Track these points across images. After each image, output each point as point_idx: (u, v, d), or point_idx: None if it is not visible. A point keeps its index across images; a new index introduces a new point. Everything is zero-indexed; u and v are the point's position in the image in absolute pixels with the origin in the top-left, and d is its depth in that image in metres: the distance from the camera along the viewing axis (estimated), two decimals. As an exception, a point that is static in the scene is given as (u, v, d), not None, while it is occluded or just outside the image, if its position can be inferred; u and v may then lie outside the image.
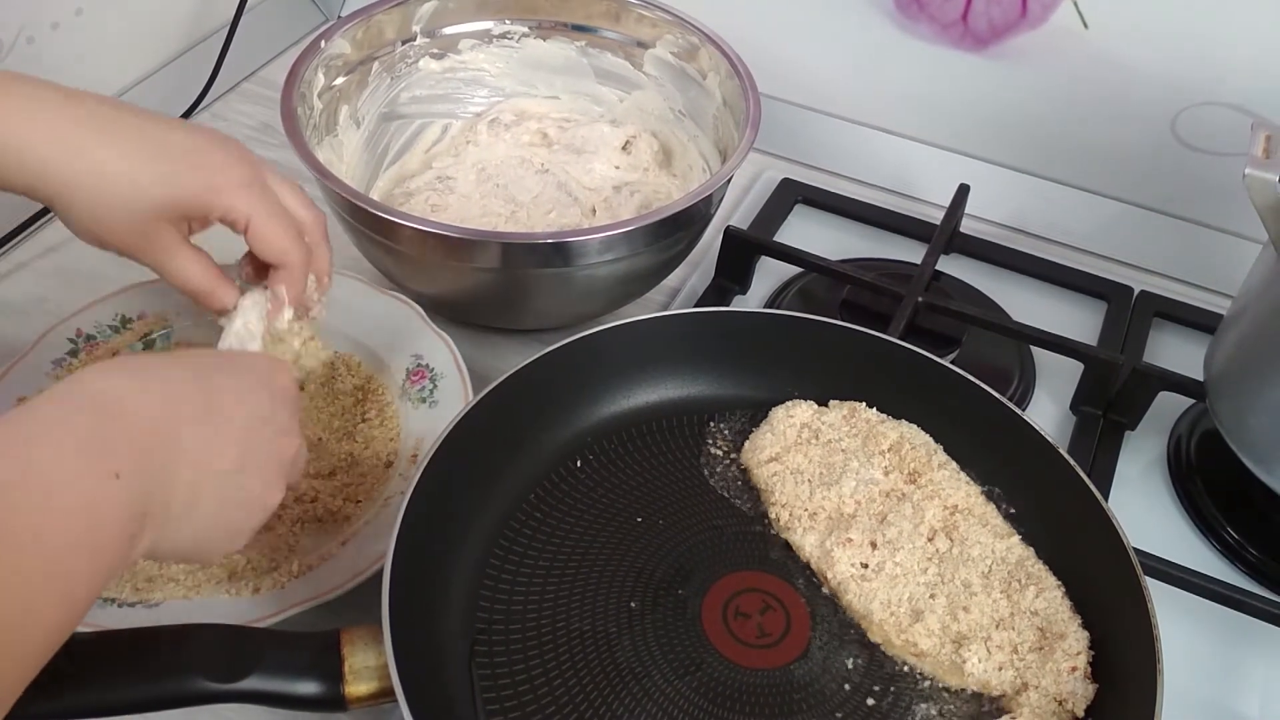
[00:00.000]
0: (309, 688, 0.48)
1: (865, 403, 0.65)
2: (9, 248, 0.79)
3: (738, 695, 0.53)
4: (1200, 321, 0.82)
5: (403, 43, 0.82)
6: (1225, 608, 0.63)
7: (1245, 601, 0.62)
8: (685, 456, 0.64)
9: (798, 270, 0.82)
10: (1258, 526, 0.68)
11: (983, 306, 0.81)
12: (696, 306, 0.74)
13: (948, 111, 0.89)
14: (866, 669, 0.55)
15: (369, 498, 0.62)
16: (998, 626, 0.55)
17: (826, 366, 0.66)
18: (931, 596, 0.56)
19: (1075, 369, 0.75)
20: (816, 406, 0.65)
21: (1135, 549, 0.55)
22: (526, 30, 0.85)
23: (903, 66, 0.89)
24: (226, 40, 0.91)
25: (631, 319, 0.65)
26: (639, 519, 0.61)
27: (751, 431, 0.65)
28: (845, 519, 0.60)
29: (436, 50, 0.84)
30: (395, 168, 0.84)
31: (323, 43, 0.75)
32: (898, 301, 0.75)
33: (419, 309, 0.71)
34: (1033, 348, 0.78)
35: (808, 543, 0.59)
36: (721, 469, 0.64)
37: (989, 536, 0.59)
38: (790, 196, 0.89)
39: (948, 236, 0.83)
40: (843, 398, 0.65)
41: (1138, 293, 0.84)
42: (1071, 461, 0.59)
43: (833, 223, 0.89)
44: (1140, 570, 0.54)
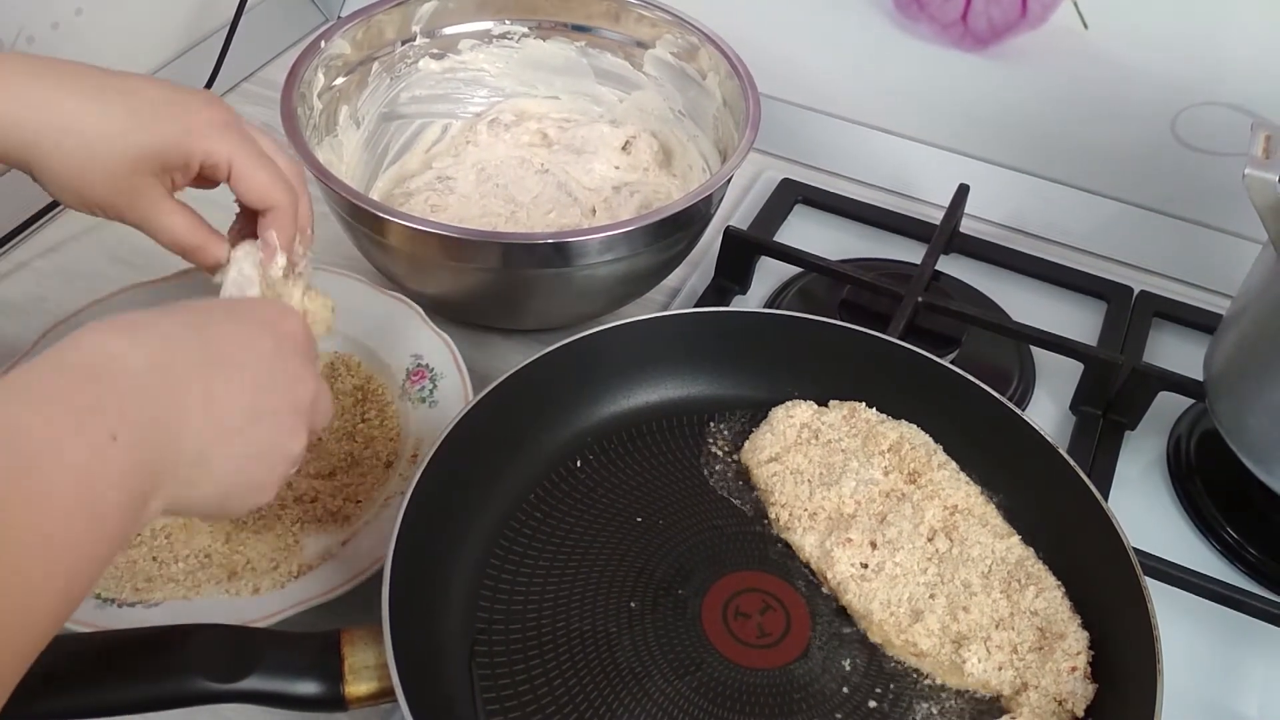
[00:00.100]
0: (309, 688, 0.48)
1: (865, 403, 0.65)
2: (9, 248, 0.79)
3: (738, 695, 0.53)
4: (1200, 321, 0.82)
5: (403, 43, 0.82)
6: (1225, 608, 0.63)
7: (1245, 601, 0.62)
8: (685, 456, 0.64)
9: (798, 270, 0.82)
10: (1258, 526, 0.68)
11: (982, 306, 0.81)
12: (696, 306, 0.74)
13: (948, 111, 0.89)
14: (866, 669, 0.55)
15: (369, 498, 0.62)
16: (997, 626, 0.55)
17: (826, 366, 0.66)
18: (931, 596, 0.56)
19: (1075, 369, 0.75)
20: (816, 406, 0.65)
21: (1135, 549, 0.55)
22: (526, 30, 0.85)
23: (903, 66, 0.89)
24: (226, 40, 0.91)
25: (631, 319, 0.65)
26: (639, 519, 0.61)
27: (751, 431, 0.65)
28: (845, 519, 0.60)
29: (436, 50, 0.84)
30: (395, 168, 0.84)
31: (323, 43, 0.75)
32: (897, 301, 0.75)
33: (419, 309, 0.71)
34: (1032, 348, 0.78)
35: (808, 543, 0.59)
36: (721, 469, 0.64)
37: (989, 536, 0.59)
38: (790, 196, 0.89)
39: (947, 236, 0.83)
40: (843, 398, 0.65)
41: (1137, 293, 0.84)
42: (1071, 461, 0.59)
43: (833, 223, 0.89)
44: (1140, 570, 0.54)
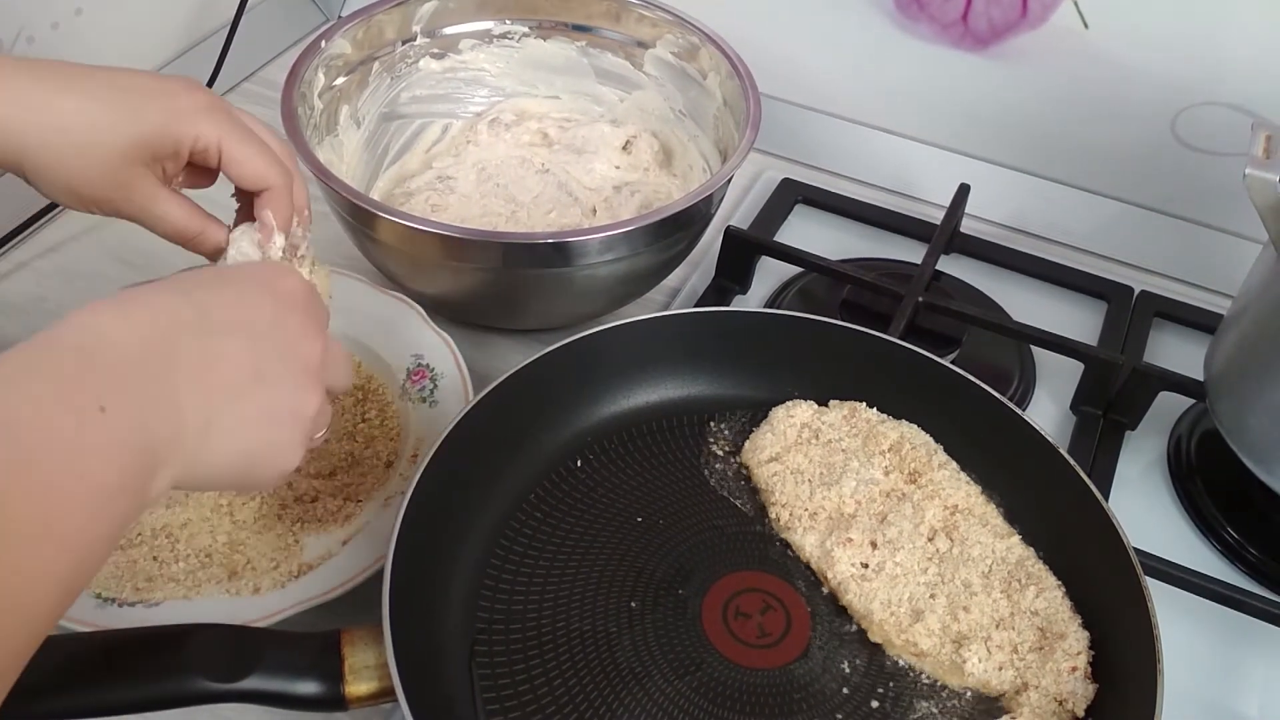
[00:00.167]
0: (309, 687, 0.48)
1: (865, 403, 0.65)
2: (9, 248, 0.79)
3: (738, 695, 0.53)
4: (1200, 321, 0.82)
5: (403, 43, 0.82)
6: (1225, 608, 0.63)
7: (1245, 601, 0.62)
8: (685, 456, 0.64)
9: (798, 270, 0.82)
10: (1258, 526, 0.68)
11: (983, 306, 0.81)
12: (697, 306, 0.74)
13: (948, 111, 0.89)
14: (866, 669, 0.55)
15: (369, 498, 0.62)
16: (998, 626, 0.55)
17: (827, 366, 0.66)
18: (932, 596, 0.56)
19: (1075, 369, 0.75)
20: (817, 406, 0.65)
21: (1135, 549, 0.55)
22: (527, 30, 0.85)
23: (903, 66, 0.88)
24: (227, 40, 0.91)
25: (631, 319, 0.65)
26: (639, 519, 0.61)
27: (752, 431, 0.65)
28: (845, 519, 0.60)
29: (437, 50, 0.83)
30: (395, 168, 0.84)
31: (323, 43, 0.75)
32: (898, 301, 0.75)
33: (419, 309, 0.71)
34: (1033, 348, 0.78)
35: (808, 542, 0.59)
36: (722, 469, 0.64)
37: (989, 536, 0.59)
38: (790, 196, 0.89)
39: (948, 236, 0.83)
40: (843, 398, 0.65)
41: (1138, 293, 0.84)
42: (1072, 461, 0.59)
43: (833, 223, 0.89)
44: (1140, 570, 0.54)
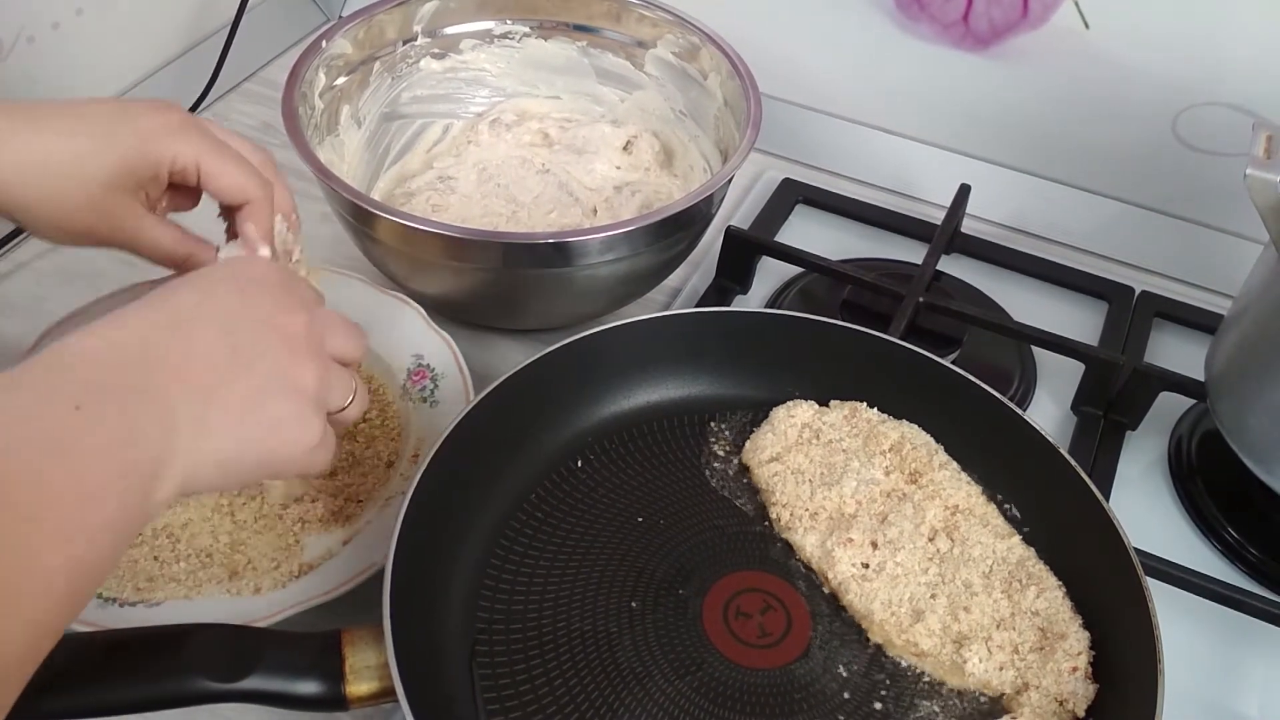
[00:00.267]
0: (309, 687, 0.48)
1: (866, 403, 0.65)
2: (9, 248, 0.79)
3: (738, 695, 0.53)
4: (1201, 321, 0.82)
5: (404, 43, 0.82)
6: (1225, 608, 0.63)
7: (1245, 601, 0.62)
8: (686, 456, 0.64)
9: (798, 270, 0.82)
10: (1258, 526, 0.68)
11: (983, 306, 0.81)
12: (697, 306, 0.74)
13: (948, 111, 0.89)
14: (867, 669, 0.55)
15: (370, 498, 0.62)
16: (998, 626, 0.55)
17: (827, 366, 0.66)
18: (932, 596, 0.56)
19: (1076, 369, 0.75)
20: (817, 406, 0.65)
21: (1136, 549, 0.55)
22: (528, 30, 0.85)
23: (903, 66, 0.88)
24: (227, 40, 0.91)
25: (632, 319, 0.65)
26: (640, 519, 0.61)
27: (752, 431, 0.65)
28: (846, 519, 0.60)
29: (438, 50, 0.83)
30: (396, 168, 0.84)
31: (324, 43, 0.75)
32: (898, 301, 0.75)
33: (420, 309, 0.71)
34: (1033, 348, 0.78)
35: (808, 543, 0.59)
36: (722, 469, 0.64)
37: (990, 536, 0.59)
38: (791, 196, 0.89)
39: (948, 236, 0.83)
40: (843, 398, 0.65)
41: (1138, 293, 0.84)
42: (1072, 462, 0.59)
43: (833, 223, 0.89)
44: (1141, 570, 0.54)
